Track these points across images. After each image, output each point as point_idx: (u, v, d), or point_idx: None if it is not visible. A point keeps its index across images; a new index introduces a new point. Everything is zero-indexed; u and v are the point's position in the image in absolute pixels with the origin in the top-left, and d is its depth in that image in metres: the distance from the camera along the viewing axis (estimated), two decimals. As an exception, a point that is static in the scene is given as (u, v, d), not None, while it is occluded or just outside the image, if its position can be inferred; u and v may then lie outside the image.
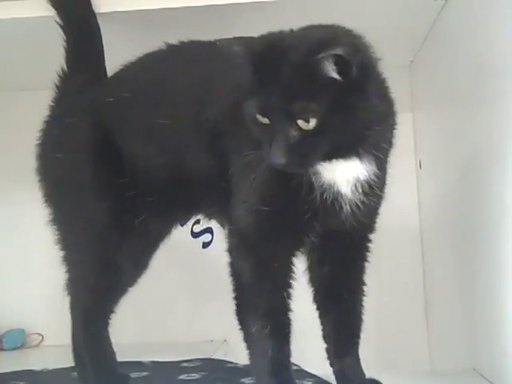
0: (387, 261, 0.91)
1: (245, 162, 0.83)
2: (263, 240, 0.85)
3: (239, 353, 1.09)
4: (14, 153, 1.51)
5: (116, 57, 1.02)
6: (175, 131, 0.92)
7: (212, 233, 1.41)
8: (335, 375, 0.92)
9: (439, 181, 1.29)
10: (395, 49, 1.21)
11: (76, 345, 1.04)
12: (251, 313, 0.86)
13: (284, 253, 0.87)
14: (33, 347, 1.48)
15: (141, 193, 0.95)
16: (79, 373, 1.04)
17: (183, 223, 1.08)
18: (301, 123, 0.75)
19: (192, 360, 1.19)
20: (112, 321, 1.02)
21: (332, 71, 0.74)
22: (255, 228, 0.85)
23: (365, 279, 0.92)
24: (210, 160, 0.90)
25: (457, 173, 1.14)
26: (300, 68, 0.74)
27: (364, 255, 0.92)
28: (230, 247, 0.88)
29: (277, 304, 0.85)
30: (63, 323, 1.43)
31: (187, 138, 0.91)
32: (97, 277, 0.99)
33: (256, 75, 0.77)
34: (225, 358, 1.21)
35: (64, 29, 1.07)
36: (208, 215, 0.99)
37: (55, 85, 1.06)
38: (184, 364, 1.17)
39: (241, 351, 1.09)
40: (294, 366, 1.16)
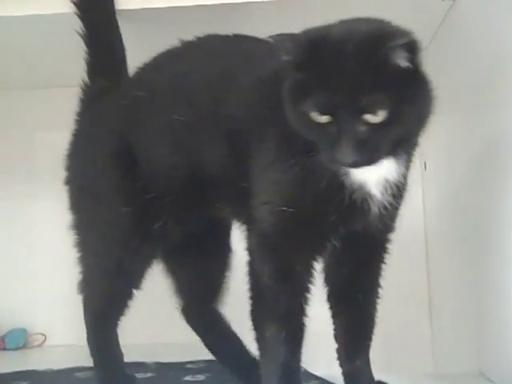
0: (391, 262, 0.90)
1: (267, 162, 0.82)
2: (286, 242, 0.83)
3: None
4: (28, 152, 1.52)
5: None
6: (192, 129, 0.91)
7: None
8: (344, 376, 0.91)
9: (444, 182, 1.28)
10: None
11: None
12: (267, 316, 0.84)
13: (306, 256, 0.85)
14: (35, 347, 1.48)
15: (159, 195, 0.94)
16: None
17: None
18: (368, 117, 0.72)
19: (197, 361, 1.18)
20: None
21: (403, 59, 0.72)
22: (277, 229, 0.82)
23: (381, 281, 0.91)
24: (229, 159, 0.88)
25: (462, 174, 1.13)
26: (367, 59, 0.71)
27: (382, 257, 0.91)
28: (250, 247, 0.86)
29: (294, 309, 0.84)
30: (66, 323, 1.44)
31: (204, 137, 0.90)
32: (112, 280, 0.99)
33: (312, 72, 0.73)
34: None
35: (85, 37, 1.07)
36: (226, 215, 0.97)
37: (79, 98, 1.06)
38: (189, 365, 1.17)
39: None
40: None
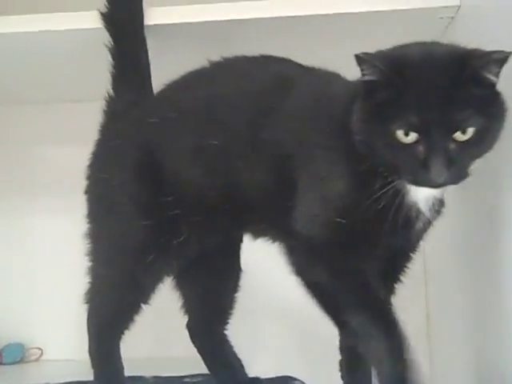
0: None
1: (316, 176, 0.81)
2: (336, 251, 0.82)
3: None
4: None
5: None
6: (226, 153, 0.90)
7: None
8: None
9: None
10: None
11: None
12: (349, 313, 0.81)
13: (359, 268, 0.82)
14: (32, 362, 1.47)
15: (184, 213, 0.93)
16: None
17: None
18: (457, 135, 0.73)
19: (194, 375, 1.18)
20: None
21: (494, 74, 0.74)
22: (327, 239, 0.82)
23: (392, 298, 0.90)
24: (272, 181, 0.88)
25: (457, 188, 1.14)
26: (459, 74, 0.72)
27: (400, 278, 0.91)
28: (300, 267, 0.85)
29: (368, 289, 0.81)
30: (63, 338, 1.44)
31: (241, 161, 0.89)
32: (121, 293, 0.98)
33: (401, 91, 0.73)
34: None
35: (112, 50, 1.08)
36: (260, 234, 0.96)
37: (103, 110, 1.07)
38: (186, 379, 1.17)
39: (245, 366, 1.09)
40: (297, 382, 1.16)
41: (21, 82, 1.34)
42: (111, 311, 1.00)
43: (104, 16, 1.08)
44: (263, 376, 1.11)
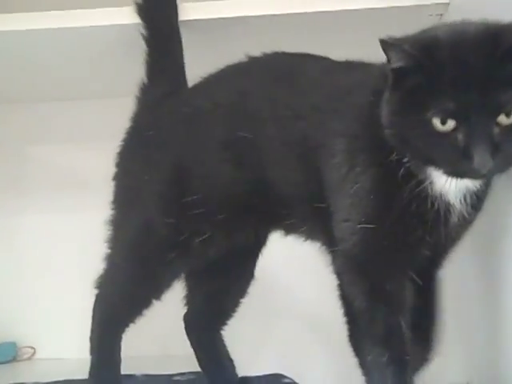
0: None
1: (342, 176, 0.78)
2: (373, 261, 0.78)
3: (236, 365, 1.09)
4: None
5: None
6: (256, 146, 0.88)
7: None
8: None
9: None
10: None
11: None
12: (366, 339, 0.80)
13: (397, 272, 0.79)
14: (25, 360, 1.47)
15: (210, 210, 0.91)
16: None
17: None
18: (501, 118, 0.66)
19: (185, 373, 1.18)
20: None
21: None
22: (362, 248, 0.78)
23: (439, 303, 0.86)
24: (305, 178, 0.85)
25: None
26: (497, 53, 0.66)
27: (438, 283, 0.86)
28: (338, 270, 0.82)
29: (393, 329, 0.78)
30: (55, 336, 1.44)
31: (275, 155, 0.87)
32: (135, 285, 0.96)
33: (435, 75, 0.68)
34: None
35: (147, 39, 1.05)
36: (298, 233, 0.94)
37: (136, 97, 1.05)
38: (177, 377, 1.17)
39: (237, 364, 1.09)
40: (287, 379, 1.16)
41: (8, 81, 1.33)
42: (121, 302, 0.98)
43: (138, 6, 1.06)
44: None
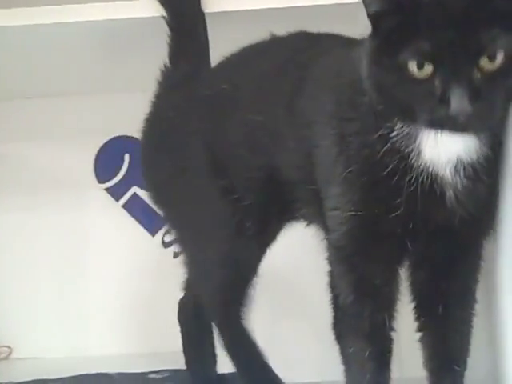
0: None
1: (328, 160, 0.74)
2: (361, 253, 0.74)
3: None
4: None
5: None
6: (267, 128, 0.86)
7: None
8: None
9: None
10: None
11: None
12: (349, 332, 0.77)
13: (386, 265, 0.76)
14: (1, 360, 1.46)
15: (239, 197, 0.89)
16: None
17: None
18: (483, 62, 0.60)
19: (160, 371, 1.17)
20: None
21: None
22: (350, 239, 0.74)
23: (475, 294, 0.79)
24: (302, 162, 0.82)
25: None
26: None
27: (474, 264, 0.78)
28: (329, 258, 0.80)
29: (378, 324, 0.75)
30: (32, 336, 1.42)
31: (279, 136, 0.85)
32: (225, 269, 0.94)
33: (411, 14, 0.62)
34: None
35: (170, 23, 1.03)
36: (303, 220, 0.91)
37: (157, 81, 1.02)
38: (151, 375, 1.16)
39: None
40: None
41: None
42: (223, 290, 0.95)
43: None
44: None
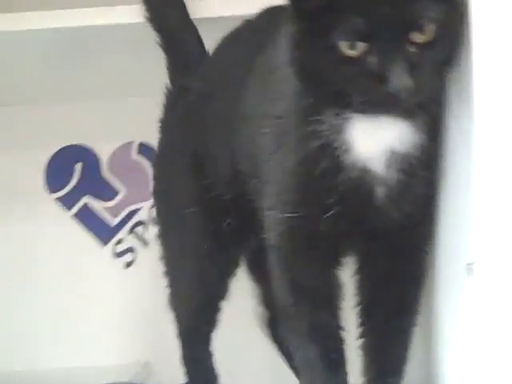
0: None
1: (263, 159, 0.73)
2: (296, 253, 0.72)
3: (163, 376, 1.07)
4: None
5: None
6: (229, 124, 0.84)
7: (135, 252, 1.38)
8: None
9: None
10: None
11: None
12: (292, 336, 0.75)
13: (323, 267, 0.73)
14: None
15: (221, 194, 0.88)
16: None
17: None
18: (414, 35, 0.59)
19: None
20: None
21: None
22: (286, 239, 0.72)
23: (417, 305, 0.76)
24: (247, 159, 0.81)
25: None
26: None
27: (414, 271, 0.75)
28: (268, 258, 0.76)
29: (321, 326, 0.72)
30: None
31: (236, 132, 0.83)
32: (193, 290, 0.94)
33: None
34: (144, 383, 1.17)
35: (162, 46, 1.01)
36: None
37: (162, 104, 1.01)
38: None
39: (164, 374, 1.07)
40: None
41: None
42: (190, 313, 0.96)
43: (148, 11, 1.00)
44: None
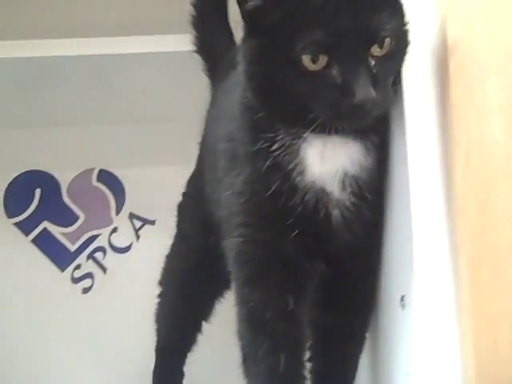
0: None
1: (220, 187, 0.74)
2: (249, 282, 0.68)
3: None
4: None
5: None
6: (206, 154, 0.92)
7: (93, 278, 1.40)
8: None
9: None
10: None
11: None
12: (250, 375, 0.71)
13: (280, 296, 0.67)
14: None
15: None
16: None
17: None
18: (373, 49, 0.59)
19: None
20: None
21: None
22: (239, 267, 0.69)
23: (364, 334, 0.75)
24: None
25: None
26: None
27: (362, 301, 0.74)
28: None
29: (276, 367, 0.67)
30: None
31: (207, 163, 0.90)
32: (175, 310, 0.97)
33: (294, 7, 0.59)
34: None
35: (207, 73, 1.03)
36: None
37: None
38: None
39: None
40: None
41: None
42: (169, 331, 0.99)
43: (197, 42, 1.01)
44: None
